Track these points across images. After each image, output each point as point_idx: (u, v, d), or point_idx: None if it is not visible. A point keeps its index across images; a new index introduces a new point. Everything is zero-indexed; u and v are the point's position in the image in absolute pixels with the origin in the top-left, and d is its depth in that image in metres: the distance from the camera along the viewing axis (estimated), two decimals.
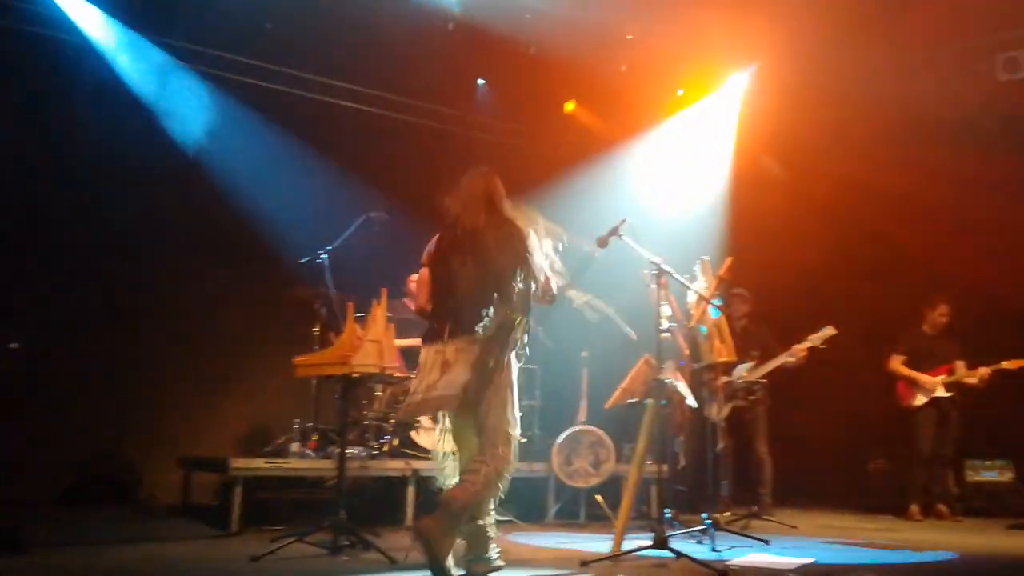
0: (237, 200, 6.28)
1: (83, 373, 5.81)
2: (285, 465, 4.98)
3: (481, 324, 3.39)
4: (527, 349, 3.56)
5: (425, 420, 5.28)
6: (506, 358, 3.46)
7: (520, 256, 3.47)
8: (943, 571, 4.10)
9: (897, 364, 6.79)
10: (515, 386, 3.50)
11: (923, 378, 6.65)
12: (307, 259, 5.19)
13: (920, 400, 6.63)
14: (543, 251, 3.56)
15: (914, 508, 6.53)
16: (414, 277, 6.34)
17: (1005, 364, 6.32)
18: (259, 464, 4.87)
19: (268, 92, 6.76)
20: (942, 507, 6.55)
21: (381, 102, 7.28)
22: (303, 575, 3.66)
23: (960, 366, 6.57)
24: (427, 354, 3.52)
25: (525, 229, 3.52)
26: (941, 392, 6.56)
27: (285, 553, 3.85)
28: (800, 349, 5.82)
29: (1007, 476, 6.92)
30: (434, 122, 7.53)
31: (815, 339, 5.78)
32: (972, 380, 6.46)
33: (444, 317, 3.50)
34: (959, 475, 6.92)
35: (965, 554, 4.48)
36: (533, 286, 3.50)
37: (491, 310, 3.41)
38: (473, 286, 3.46)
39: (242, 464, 4.78)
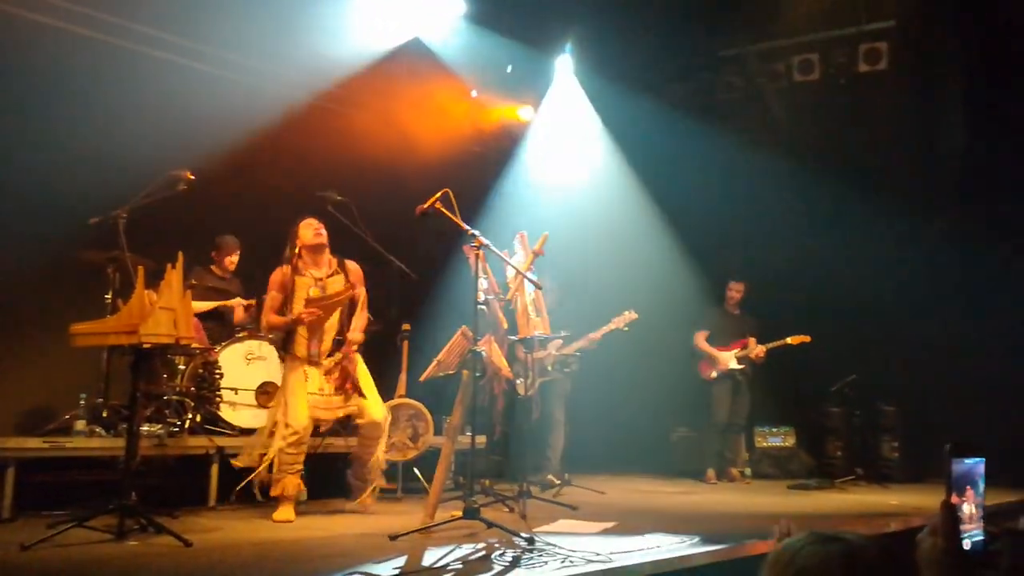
0: (15, 152, 5.57)
1: None
2: (68, 445, 4.52)
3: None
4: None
5: (229, 395, 5.03)
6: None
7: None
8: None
9: (700, 340, 7.26)
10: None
11: (718, 353, 7.17)
12: (99, 219, 4.72)
13: (716, 373, 7.14)
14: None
15: (710, 472, 7.03)
16: (228, 239, 5.96)
17: (790, 340, 6.95)
18: (35, 444, 4.39)
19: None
20: (734, 471, 7.12)
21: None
22: (81, 563, 3.33)
23: (752, 342, 7.14)
24: None
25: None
26: (734, 365, 7.09)
27: (63, 540, 3.49)
28: (598, 335, 6.03)
29: (790, 442, 7.64)
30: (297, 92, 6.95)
31: (617, 323, 6.02)
32: (752, 355, 7.04)
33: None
34: (749, 441, 7.55)
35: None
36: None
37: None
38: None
39: (13, 444, 4.29)
